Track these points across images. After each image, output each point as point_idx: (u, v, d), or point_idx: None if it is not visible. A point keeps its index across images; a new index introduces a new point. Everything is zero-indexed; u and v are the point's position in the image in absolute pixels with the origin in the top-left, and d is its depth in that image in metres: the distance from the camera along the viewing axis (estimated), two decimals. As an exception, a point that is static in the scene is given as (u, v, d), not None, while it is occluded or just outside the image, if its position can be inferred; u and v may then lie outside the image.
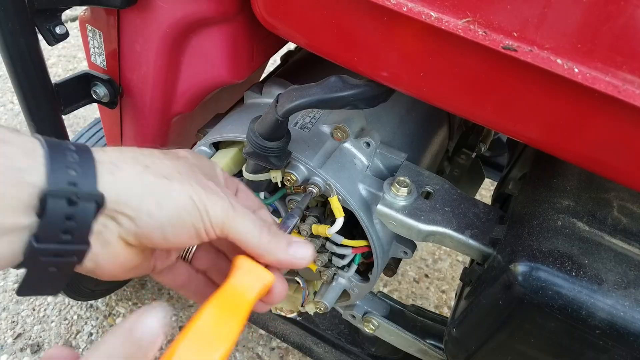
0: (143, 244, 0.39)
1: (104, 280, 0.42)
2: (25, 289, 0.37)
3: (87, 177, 0.35)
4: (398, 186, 0.58)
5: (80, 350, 1.26)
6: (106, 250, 0.38)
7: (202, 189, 0.41)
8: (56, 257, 0.35)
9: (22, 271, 0.37)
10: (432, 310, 0.91)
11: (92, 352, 0.32)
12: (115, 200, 0.36)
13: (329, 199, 0.61)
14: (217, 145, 0.69)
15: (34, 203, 0.33)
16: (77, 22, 0.92)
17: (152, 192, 0.38)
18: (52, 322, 1.31)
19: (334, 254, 0.69)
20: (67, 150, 0.35)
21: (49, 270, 0.36)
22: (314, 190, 0.60)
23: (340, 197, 0.61)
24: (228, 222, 0.41)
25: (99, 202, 0.35)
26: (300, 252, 0.44)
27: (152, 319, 0.34)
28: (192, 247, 0.50)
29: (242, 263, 0.43)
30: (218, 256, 0.50)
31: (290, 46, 0.85)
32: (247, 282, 0.43)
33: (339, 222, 0.62)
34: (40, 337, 1.28)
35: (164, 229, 0.39)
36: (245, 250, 0.44)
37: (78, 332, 1.30)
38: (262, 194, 0.67)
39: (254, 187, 0.64)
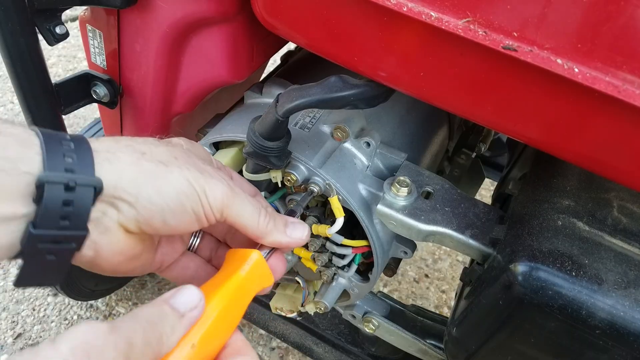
0: (143, 230, 0.39)
1: (105, 274, 0.42)
2: (23, 279, 0.37)
3: (84, 164, 0.35)
4: (398, 186, 0.58)
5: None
6: (105, 237, 0.38)
7: (199, 173, 0.41)
8: (54, 244, 0.35)
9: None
10: (432, 310, 0.91)
11: (129, 315, 0.34)
12: (114, 186, 0.36)
13: (329, 198, 0.61)
14: (217, 145, 0.69)
15: (31, 190, 0.33)
16: (77, 22, 0.92)
17: (150, 177, 0.38)
18: (52, 322, 1.31)
19: (334, 253, 0.69)
20: (63, 140, 0.36)
21: (48, 258, 0.36)
22: (315, 190, 0.60)
23: (340, 197, 0.61)
24: (228, 205, 0.42)
25: (97, 188, 0.35)
26: (297, 233, 0.47)
27: (185, 291, 0.37)
28: (196, 239, 0.50)
29: (230, 253, 0.45)
30: (219, 245, 0.51)
31: (290, 46, 0.85)
32: (235, 265, 0.43)
33: (339, 222, 0.62)
34: (40, 337, 1.28)
35: (164, 213, 0.39)
36: (245, 233, 0.44)
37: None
38: (262, 194, 0.67)
39: (254, 186, 0.64)
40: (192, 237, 0.51)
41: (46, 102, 0.68)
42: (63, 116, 0.73)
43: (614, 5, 0.37)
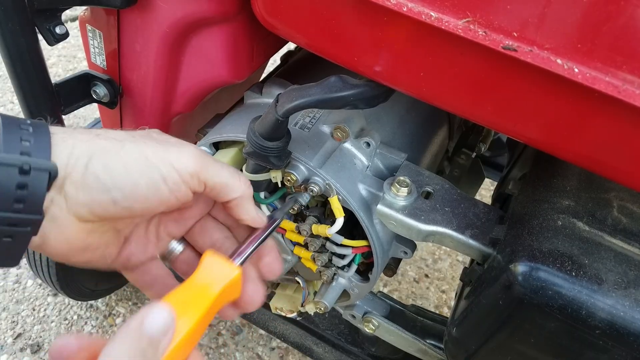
0: (98, 215, 0.38)
1: (58, 260, 0.41)
2: None
3: (41, 147, 0.35)
4: (398, 186, 0.58)
5: (80, 350, 1.26)
6: (53, 225, 0.37)
7: (159, 144, 0.40)
8: (10, 227, 0.35)
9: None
10: (432, 310, 0.91)
11: (107, 351, 0.33)
12: (65, 164, 0.36)
13: (329, 198, 0.61)
14: (217, 145, 0.69)
15: None
16: (77, 22, 0.92)
17: (100, 152, 0.38)
18: (52, 322, 1.31)
19: (334, 254, 0.69)
20: (23, 124, 0.36)
21: (3, 240, 0.35)
22: (315, 189, 0.60)
23: (340, 197, 0.61)
24: (203, 167, 0.41)
25: (52, 172, 0.35)
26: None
27: (158, 315, 0.35)
28: (176, 248, 0.49)
29: (208, 258, 0.42)
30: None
31: (290, 46, 0.85)
32: (211, 278, 0.41)
33: (339, 222, 0.62)
34: (40, 337, 1.28)
35: (111, 192, 0.38)
36: (224, 196, 0.43)
37: (78, 332, 1.30)
38: (262, 194, 0.67)
39: (254, 187, 0.63)
40: (173, 244, 0.48)
41: (46, 102, 0.68)
42: (63, 116, 0.73)
43: (614, 5, 0.37)
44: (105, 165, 0.37)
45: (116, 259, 0.45)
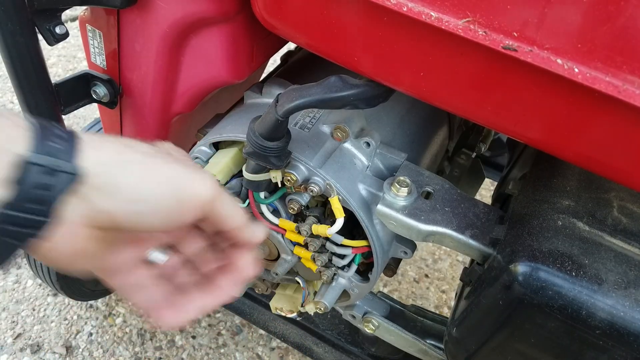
0: (117, 223, 0.37)
1: (55, 266, 0.40)
2: None
3: (69, 151, 0.35)
4: (398, 186, 0.58)
5: (80, 350, 1.26)
6: (65, 229, 0.36)
7: (184, 167, 0.40)
8: (17, 228, 0.34)
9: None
10: (432, 310, 0.91)
11: None
12: (94, 173, 0.36)
13: (329, 199, 0.61)
14: (217, 145, 0.69)
15: (12, 173, 0.33)
16: (77, 22, 0.92)
17: (130, 164, 0.38)
18: (52, 322, 1.31)
19: (334, 254, 0.69)
20: (55, 128, 0.36)
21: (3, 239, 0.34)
22: (315, 189, 0.60)
23: (340, 197, 0.61)
24: (218, 199, 0.41)
25: (77, 176, 0.35)
26: (262, 229, 0.47)
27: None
28: (159, 257, 0.47)
29: None
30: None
31: (290, 46, 0.85)
32: None
33: (339, 222, 0.62)
34: (40, 337, 1.28)
35: (138, 203, 0.37)
36: (226, 228, 0.44)
37: (78, 332, 1.30)
38: (262, 194, 0.67)
39: (254, 187, 0.64)
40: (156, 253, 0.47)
41: (46, 102, 0.68)
42: (63, 116, 0.73)
43: (614, 5, 0.37)
44: (135, 177, 0.37)
45: (104, 266, 0.44)
